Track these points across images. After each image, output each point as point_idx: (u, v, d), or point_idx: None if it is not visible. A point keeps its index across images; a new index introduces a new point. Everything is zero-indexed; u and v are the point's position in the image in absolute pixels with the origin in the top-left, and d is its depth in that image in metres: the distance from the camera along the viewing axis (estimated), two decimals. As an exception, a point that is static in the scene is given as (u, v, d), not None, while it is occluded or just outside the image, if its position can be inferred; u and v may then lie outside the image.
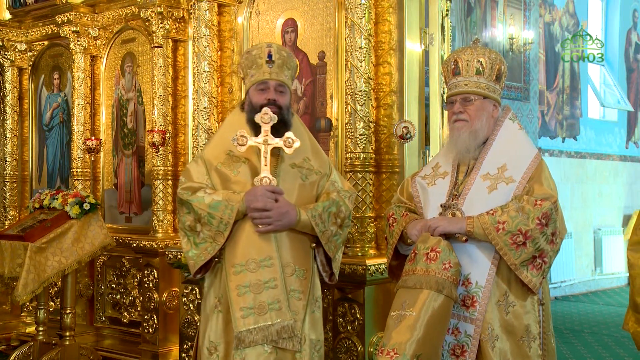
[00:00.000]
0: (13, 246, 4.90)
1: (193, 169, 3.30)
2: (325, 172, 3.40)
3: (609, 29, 12.35)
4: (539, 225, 2.79)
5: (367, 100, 4.18)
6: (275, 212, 3.11)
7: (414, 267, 2.89)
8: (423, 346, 2.72)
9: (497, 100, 3.13)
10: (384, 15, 4.31)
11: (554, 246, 2.87)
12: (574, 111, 11.26)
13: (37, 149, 6.66)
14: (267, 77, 3.27)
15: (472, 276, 2.88)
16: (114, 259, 5.85)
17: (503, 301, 2.87)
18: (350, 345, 4.13)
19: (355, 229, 4.16)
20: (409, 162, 4.28)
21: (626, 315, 3.07)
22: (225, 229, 3.12)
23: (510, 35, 9.58)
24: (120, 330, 5.82)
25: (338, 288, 4.22)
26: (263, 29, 4.85)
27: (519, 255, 2.80)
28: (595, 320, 8.59)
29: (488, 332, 2.84)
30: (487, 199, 2.91)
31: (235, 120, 3.37)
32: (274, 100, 3.25)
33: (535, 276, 2.82)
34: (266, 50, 3.29)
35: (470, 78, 3.06)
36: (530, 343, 2.87)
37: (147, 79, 5.67)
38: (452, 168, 3.11)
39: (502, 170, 2.96)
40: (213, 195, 3.14)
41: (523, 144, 3.07)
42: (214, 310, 3.20)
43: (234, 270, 3.12)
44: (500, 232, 2.79)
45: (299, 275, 3.20)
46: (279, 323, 3.08)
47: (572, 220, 10.75)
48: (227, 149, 3.27)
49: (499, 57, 3.12)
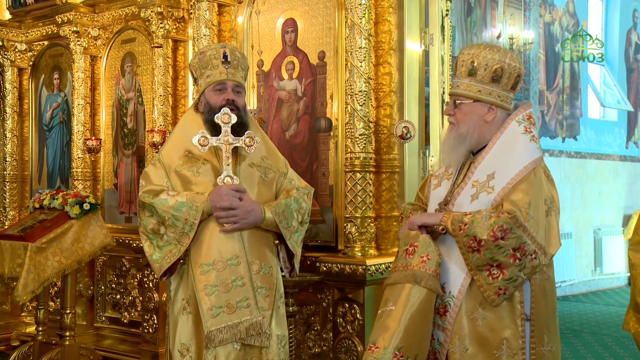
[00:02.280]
0: (13, 246, 4.90)
1: (152, 172, 3.29)
2: (283, 170, 3.44)
3: (609, 29, 12.35)
4: (492, 237, 2.70)
5: (367, 100, 4.18)
6: (241, 210, 3.14)
7: (396, 264, 2.92)
8: (405, 339, 2.73)
9: (495, 103, 2.94)
10: (384, 15, 4.31)
11: (518, 261, 2.73)
12: (574, 111, 11.26)
13: (37, 149, 6.66)
14: (224, 78, 3.29)
15: (447, 285, 2.86)
16: (114, 259, 5.85)
17: (477, 313, 2.81)
18: (350, 345, 4.13)
19: (355, 229, 4.16)
20: (409, 162, 4.28)
21: (626, 315, 3.07)
22: (190, 230, 3.13)
23: (510, 35, 9.58)
24: (120, 330, 5.82)
25: (338, 288, 4.23)
26: (263, 29, 4.85)
27: (473, 258, 2.77)
28: (595, 320, 8.59)
29: (455, 342, 2.81)
30: (468, 207, 2.87)
31: (191, 121, 3.37)
32: (233, 100, 3.28)
33: (490, 284, 2.75)
34: (221, 51, 3.31)
35: (462, 80, 2.96)
36: (508, 358, 2.79)
37: (147, 79, 5.67)
38: (456, 169, 3.07)
39: (490, 178, 2.88)
40: (177, 197, 3.14)
41: (517, 152, 2.90)
42: (183, 312, 3.20)
43: (201, 270, 3.13)
44: (461, 232, 2.77)
45: (265, 272, 3.23)
46: (248, 320, 3.12)
47: (572, 220, 10.75)
48: (185, 150, 3.27)
49: (498, 56, 2.91)
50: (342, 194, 4.31)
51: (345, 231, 4.21)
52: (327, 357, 4.34)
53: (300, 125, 4.62)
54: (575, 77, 11.26)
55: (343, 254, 4.22)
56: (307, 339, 4.41)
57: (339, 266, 4.12)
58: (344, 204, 4.24)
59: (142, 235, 3.24)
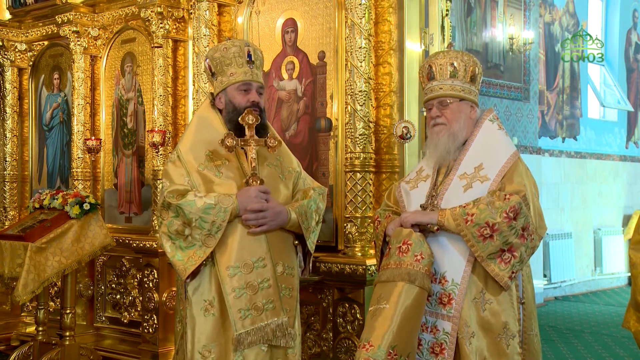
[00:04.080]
0: (13, 246, 4.90)
1: (172, 171, 3.26)
2: (297, 169, 3.46)
3: (609, 29, 12.35)
4: (507, 218, 2.80)
5: (367, 100, 4.18)
6: (270, 212, 3.14)
7: (388, 262, 2.95)
8: (398, 337, 2.77)
9: (474, 101, 3.16)
10: (384, 15, 4.31)
11: (525, 241, 2.85)
12: (574, 111, 11.26)
13: (37, 149, 6.66)
14: (249, 79, 3.30)
15: (448, 274, 2.91)
16: (114, 259, 5.85)
17: (479, 298, 2.89)
18: (350, 345, 4.14)
19: (355, 229, 4.16)
20: (409, 162, 4.28)
21: (626, 314, 3.06)
22: (218, 232, 3.10)
23: (510, 35, 9.58)
24: (120, 330, 5.82)
25: (338, 288, 4.23)
26: (263, 29, 4.86)
27: (486, 247, 2.82)
28: (595, 320, 8.59)
29: (464, 329, 2.87)
30: (462, 197, 2.95)
31: (208, 117, 3.36)
32: (257, 102, 3.29)
33: (503, 270, 2.83)
34: (245, 50, 3.31)
35: (444, 81, 3.10)
36: (509, 340, 2.88)
37: (147, 79, 5.67)
38: (433, 171, 3.16)
39: (479, 169, 3.00)
40: (205, 199, 3.11)
41: (500, 143, 3.09)
42: (205, 314, 3.17)
43: (229, 272, 3.12)
44: (469, 223, 2.82)
45: (288, 273, 3.25)
46: (274, 322, 3.13)
47: (572, 220, 10.75)
48: (206, 149, 3.25)
49: (472, 59, 3.15)
50: (342, 194, 4.32)
51: (345, 231, 4.21)
52: (327, 357, 4.34)
53: (300, 125, 4.62)
54: (575, 77, 11.26)
55: (343, 254, 4.22)
56: (307, 339, 4.41)
57: (339, 266, 4.12)
58: (344, 204, 4.24)
59: (164, 236, 3.19)
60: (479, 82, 3.18)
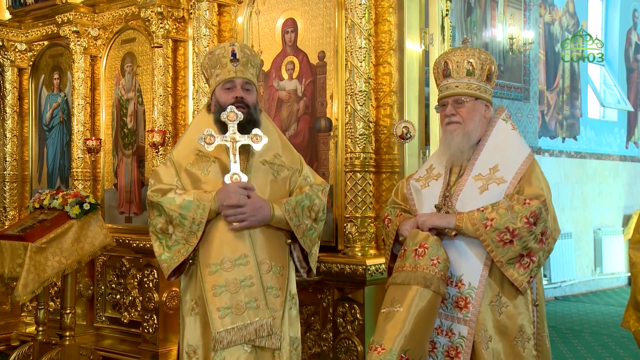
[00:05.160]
0: (13, 246, 4.90)
1: (162, 171, 3.27)
2: (297, 167, 3.40)
3: (609, 29, 12.34)
4: (527, 224, 2.77)
5: (367, 100, 4.18)
6: (249, 207, 3.09)
7: (403, 264, 2.91)
8: (410, 341, 2.73)
9: (489, 100, 3.11)
10: (384, 15, 4.31)
11: (544, 245, 2.83)
12: (574, 111, 11.26)
13: (37, 149, 6.66)
14: (232, 76, 3.28)
15: (465, 278, 2.87)
16: (114, 259, 5.85)
17: (496, 302, 2.86)
18: (350, 345, 4.13)
19: (355, 229, 4.16)
20: (409, 162, 4.28)
21: (626, 313, 3.06)
22: (198, 229, 3.09)
23: (510, 35, 9.58)
24: (120, 330, 5.82)
25: (338, 288, 4.23)
26: (263, 29, 4.86)
27: (506, 252, 2.79)
28: (595, 320, 8.59)
29: (481, 333, 2.84)
30: (478, 199, 2.91)
31: (203, 121, 3.36)
32: (242, 98, 3.26)
33: (522, 275, 2.81)
34: (230, 49, 3.29)
35: (461, 79, 3.04)
36: (525, 344, 2.86)
37: (147, 79, 5.67)
38: (445, 170, 3.11)
39: (494, 170, 2.95)
40: (184, 196, 3.11)
41: (515, 144, 3.06)
42: (191, 313, 3.16)
43: (209, 270, 3.09)
44: (488, 228, 2.79)
45: (275, 272, 3.17)
46: (257, 322, 3.05)
47: (572, 220, 10.75)
48: (195, 149, 3.25)
49: (489, 57, 3.10)
50: (342, 194, 4.31)
51: (345, 231, 4.21)
52: (327, 357, 4.34)
53: (300, 125, 4.62)
54: (575, 77, 11.26)
55: (343, 254, 4.22)
56: (307, 339, 4.41)
57: (339, 266, 4.12)
58: (344, 204, 4.24)
59: (152, 235, 3.21)
60: (494, 81, 3.13)
